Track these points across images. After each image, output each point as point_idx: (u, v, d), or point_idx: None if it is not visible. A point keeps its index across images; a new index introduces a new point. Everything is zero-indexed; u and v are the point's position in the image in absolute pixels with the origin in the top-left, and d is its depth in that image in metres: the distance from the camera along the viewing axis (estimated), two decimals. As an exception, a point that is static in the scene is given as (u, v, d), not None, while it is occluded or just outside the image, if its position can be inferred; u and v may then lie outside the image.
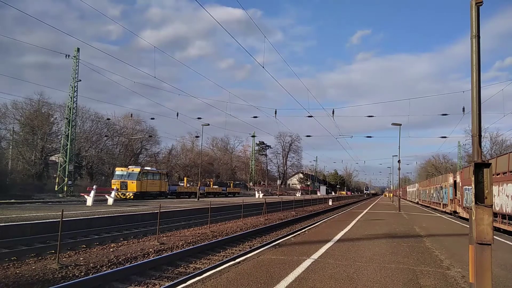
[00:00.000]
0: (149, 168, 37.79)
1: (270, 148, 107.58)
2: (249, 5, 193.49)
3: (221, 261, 10.00)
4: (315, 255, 8.32)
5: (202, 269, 9.09)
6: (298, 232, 13.95)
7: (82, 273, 8.09)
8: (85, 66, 45.77)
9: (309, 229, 15.15)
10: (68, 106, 39.10)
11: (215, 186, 54.06)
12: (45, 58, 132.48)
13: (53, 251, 10.07)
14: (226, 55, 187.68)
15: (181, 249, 11.38)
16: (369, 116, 38.43)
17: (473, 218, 4.57)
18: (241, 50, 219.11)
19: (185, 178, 48.89)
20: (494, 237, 4.68)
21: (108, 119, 53.84)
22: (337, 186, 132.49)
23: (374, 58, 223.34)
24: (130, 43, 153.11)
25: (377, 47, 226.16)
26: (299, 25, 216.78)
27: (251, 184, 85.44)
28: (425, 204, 40.85)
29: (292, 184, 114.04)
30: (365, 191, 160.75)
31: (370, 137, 63.78)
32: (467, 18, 5.03)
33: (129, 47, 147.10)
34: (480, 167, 4.65)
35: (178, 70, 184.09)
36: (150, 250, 10.88)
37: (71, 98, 38.58)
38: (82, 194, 25.73)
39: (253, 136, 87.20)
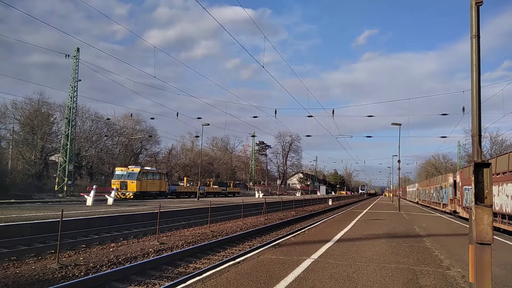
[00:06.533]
0: (149, 168, 37.84)
1: (270, 148, 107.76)
2: (259, 4, 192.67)
3: (221, 261, 10.01)
4: (315, 255, 8.31)
5: (202, 269, 9.09)
6: (298, 232, 13.95)
7: (82, 273, 8.09)
8: (88, 66, 45.87)
9: (309, 229, 15.14)
10: (68, 106, 39.11)
11: (215, 186, 54.04)
12: (50, 58, 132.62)
13: (53, 251, 10.07)
14: (232, 54, 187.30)
15: (181, 249, 11.38)
16: (369, 116, 38.49)
17: (473, 218, 4.57)
18: (247, 49, 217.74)
19: (185, 178, 48.89)
20: (494, 237, 4.68)
21: (108, 119, 53.83)
22: (337, 186, 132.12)
23: (380, 57, 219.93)
24: (135, 43, 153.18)
25: (384, 47, 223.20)
26: (304, 24, 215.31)
27: (251, 184, 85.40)
28: (425, 204, 40.86)
29: (292, 184, 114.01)
30: (360, 190, 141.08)
31: (370, 137, 63.87)
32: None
33: (134, 46, 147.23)
34: (480, 167, 4.65)
35: (183, 70, 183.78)
36: (150, 250, 10.88)
37: (71, 98, 38.60)
38: (82, 194, 25.75)
39: (253, 136, 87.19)
